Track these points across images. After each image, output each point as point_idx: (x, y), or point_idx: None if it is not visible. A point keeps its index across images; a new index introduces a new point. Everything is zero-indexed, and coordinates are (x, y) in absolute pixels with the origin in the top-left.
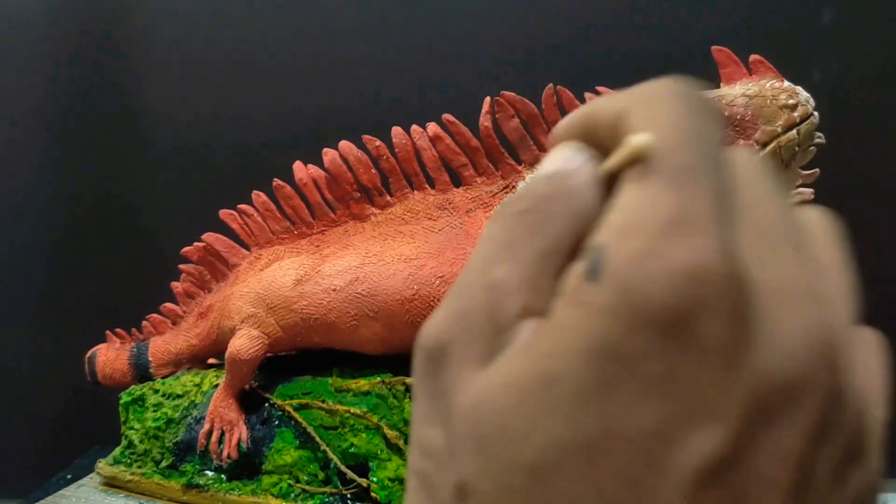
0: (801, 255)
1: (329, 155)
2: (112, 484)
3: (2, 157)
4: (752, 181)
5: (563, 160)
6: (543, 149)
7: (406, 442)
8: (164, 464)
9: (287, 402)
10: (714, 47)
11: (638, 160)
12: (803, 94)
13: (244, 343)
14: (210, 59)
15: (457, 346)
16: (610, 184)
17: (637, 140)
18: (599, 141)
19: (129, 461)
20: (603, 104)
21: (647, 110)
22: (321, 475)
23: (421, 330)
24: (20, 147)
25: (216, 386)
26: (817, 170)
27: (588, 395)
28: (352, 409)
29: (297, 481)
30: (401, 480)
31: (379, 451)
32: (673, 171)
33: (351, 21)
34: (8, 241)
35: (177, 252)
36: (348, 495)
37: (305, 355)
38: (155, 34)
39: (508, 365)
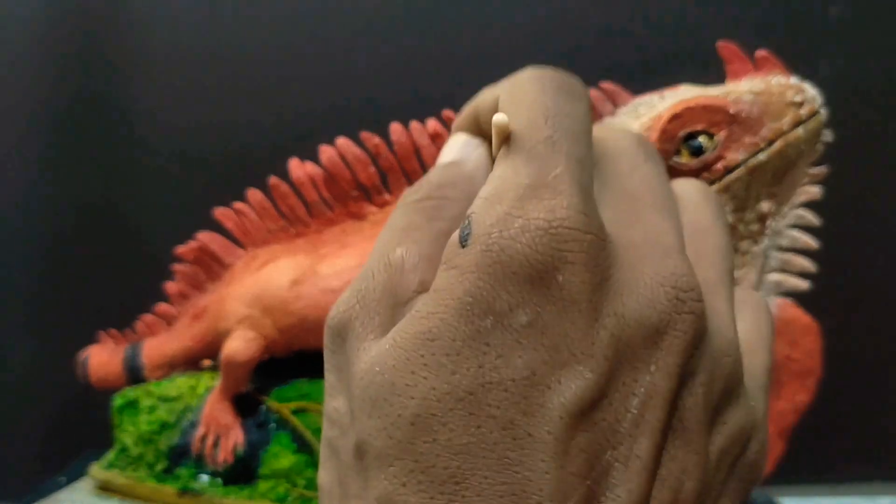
0: (668, 217)
1: (326, 153)
2: (106, 488)
3: None
4: (627, 153)
5: (457, 149)
6: None
7: None
8: (158, 468)
9: (284, 405)
10: (720, 42)
11: (506, 140)
12: (810, 91)
13: (239, 345)
14: (204, 53)
15: (358, 322)
16: None
17: (495, 119)
18: (485, 128)
19: (122, 465)
20: (484, 95)
21: (512, 95)
22: None
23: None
24: (10, 147)
25: (211, 389)
26: (825, 167)
27: (463, 348)
28: None
29: (295, 486)
30: None
31: None
32: (532, 144)
33: (348, 17)
34: None
35: (171, 251)
36: None
37: (302, 357)
38: (145, 27)
39: (397, 331)
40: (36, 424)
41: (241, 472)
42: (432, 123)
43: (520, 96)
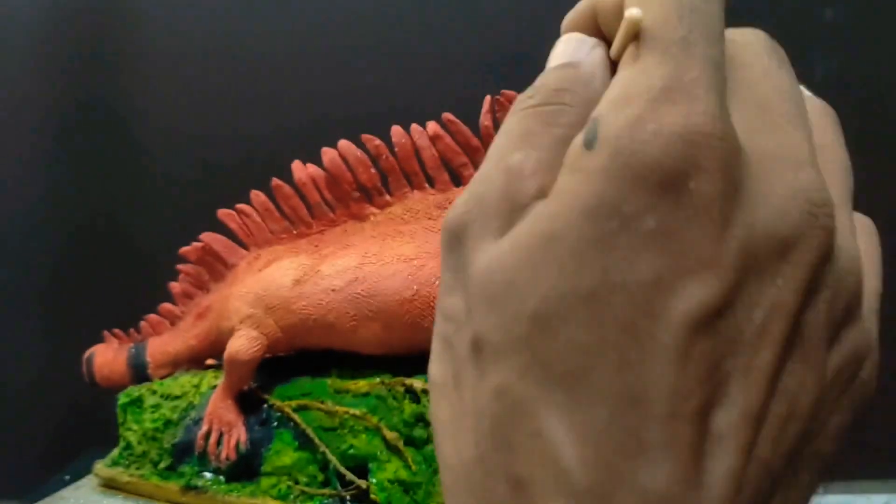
0: (800, 129)
1: (328, 154)
2: (110, 485)
3: None
4: (758, 58)
5: (571, 50)
6: None
7: (405, 444)
8: (162, 465)
9: (286, 403)
10: None
11: (635, 38)
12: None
13: (243, 344)
14: (206, 55)
15: (476, 224)
16: (617, 68)
17: (629, 14)
18: (604, 28)
19: (126, 462)
20: None
21: None
22: (320, 477)
23: (446, 214)
24: (16, 152)
25: (215, 387)
26: None
27: (587, 249)
28: (351, 411)
29: (297, 483)
30: (400, 482)
31: (378, 453)
32: (665, 44)
33: (349, 19)
34: (4, 241)
35: (175, 252)
36: (347, 497)
37: (304, 356)
38: (147, 32)
39: (517, 231)
40: (41, 422)
41: (244, 469)
42: (432, 126)
43: None
